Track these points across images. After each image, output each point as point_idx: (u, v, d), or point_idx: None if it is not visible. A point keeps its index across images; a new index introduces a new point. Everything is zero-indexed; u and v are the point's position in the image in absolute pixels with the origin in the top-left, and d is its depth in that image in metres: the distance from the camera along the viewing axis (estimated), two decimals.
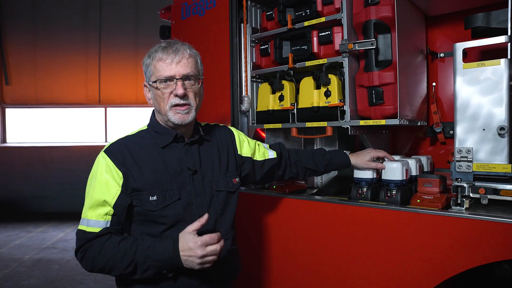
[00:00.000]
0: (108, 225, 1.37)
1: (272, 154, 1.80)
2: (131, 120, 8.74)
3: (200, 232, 1.32)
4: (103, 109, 8.77)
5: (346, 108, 1.92)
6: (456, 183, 1.58)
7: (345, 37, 1.92)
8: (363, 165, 1.84)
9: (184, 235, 1.31)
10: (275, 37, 2.23)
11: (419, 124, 2.08)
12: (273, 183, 2.20)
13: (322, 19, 2.01)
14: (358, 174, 1.87)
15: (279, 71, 2.19)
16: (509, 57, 1.48)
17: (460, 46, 1.59)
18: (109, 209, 1.37)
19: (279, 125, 2.19)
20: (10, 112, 8.74)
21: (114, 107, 8.75)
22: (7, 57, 8.46)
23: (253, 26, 2.40)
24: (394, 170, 1.75)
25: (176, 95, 1.40)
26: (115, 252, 1.32)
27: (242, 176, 1.71)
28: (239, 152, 1.69)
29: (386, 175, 1.78)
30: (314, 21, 2.04)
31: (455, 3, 2.08)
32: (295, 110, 2.12)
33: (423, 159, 2.04)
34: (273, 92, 2.22)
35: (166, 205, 1.41)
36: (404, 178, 1.76)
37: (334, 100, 1.96)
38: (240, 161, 1.69)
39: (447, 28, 2.24)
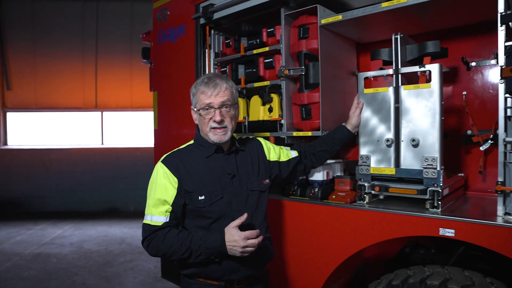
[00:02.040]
0: (167, 220, 1.70)
1: (294, 154, 2.07)
2: (126, 124, 9.18)
3: (241, 225, 1.64)
4: (100, 113, 9.20)
5: (284, 121, 2.36)
6: (360, 183, 2.02)
7: (283, 64, 2.36)
8: (357, 121, 2.06)
9: (229, 230, 1.63)
10: (232, 62, 2.68)
11: None
12: None
13: (266, 48, 2.45)
14: None
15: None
16: (394, 85, 1.93)
17: (362, 75, 2.04)
18: (168, 207, 1.70)
19: (234, 135, 2.63)
20: (11, 116, 9.17)
21: (110, 111, 9.19)
22: (8, 63, 8.90)
23: (216, 51, 2.84)
24: (316, 172, 2.20)
25: (214, 121, 1.73)
26: (175, 241, 1.65)
27: (272, 178, 1.98)
28: (267, 158, 1.98)
29: (311, 177, 2.23)
30: (260, 50, 2.48)
31: (383, 33, 2.50)
32: (246, 122, 2.56)
33: (350, 163, 2.47)
34: None
35: (212, 203, 1.72)
36: (325, 179, 2.21)
37: (275, 115, 2.40)
38: (269, 165, 1.97)
39: None
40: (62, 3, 8.89)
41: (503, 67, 1.59)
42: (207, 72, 2.81)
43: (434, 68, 1.79)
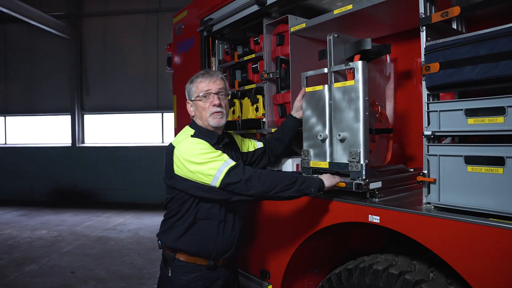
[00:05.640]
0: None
1: (260, 145, 2.37)
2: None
3: (237, 213, 2.02)
4: (160, 114, 10.14)
5: (266, 119, 2.64)
6: (304, 175, 2.18)
7: (265, 68, 2.64)
8: (297, 105, 2.26)
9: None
10: (230, 67, 3.03)
11: None
12: None
13: (253, 55, 2.75)
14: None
15: (231, 92, 2.97)
16: (328, 83, 2.04)
17: (304, 75, 2.19)
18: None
19: (231, 131, 2.98)
20: (87, 118, 10.55)
21: (170, 112, 10.06)
22: (86, 72, 10.27)
23: (220, 58, 3.20)
24: (287, 164, 2.45)
25: (214, 105, 1.98)
26: (273, 173, 1.84)
27: None
28: (241, 150, 2.32)
29: (283, 168, 2.49)
30: (249, 57, 2.78)
31: (358, 35, 2.64)
32: (240, 120, 2.89)
33: None
34: (229, 107, 3.01)
35: None
36: (295, 170, 2.45)
37: (260, 114, 2.70)
38: (241, 156, 2.29)
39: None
40: (128, 16, 9.98)
41: (423, 65, 1.71)
42: None
43: (357, 66, 1.85)
